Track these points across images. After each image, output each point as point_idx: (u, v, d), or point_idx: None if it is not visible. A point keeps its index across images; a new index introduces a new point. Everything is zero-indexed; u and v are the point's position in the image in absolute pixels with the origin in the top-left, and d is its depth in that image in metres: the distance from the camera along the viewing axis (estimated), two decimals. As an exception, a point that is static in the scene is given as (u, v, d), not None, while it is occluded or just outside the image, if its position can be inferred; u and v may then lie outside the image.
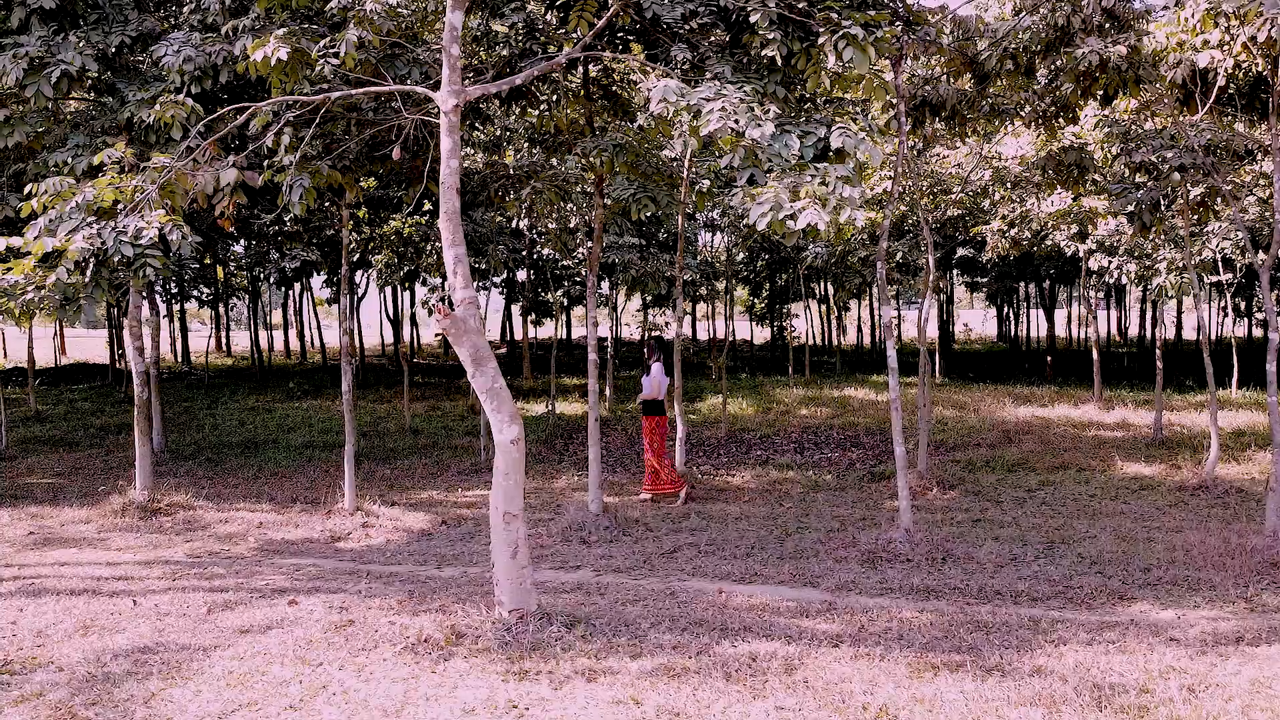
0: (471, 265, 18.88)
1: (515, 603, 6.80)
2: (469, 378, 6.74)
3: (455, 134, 6.77)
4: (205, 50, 9.14)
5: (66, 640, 7.12)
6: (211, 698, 5.86)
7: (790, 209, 6.45)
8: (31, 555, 9.93)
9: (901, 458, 9.58)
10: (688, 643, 6.55)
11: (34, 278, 6.84)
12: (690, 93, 6.63)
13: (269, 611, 7.64)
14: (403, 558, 9.61)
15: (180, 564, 9.40)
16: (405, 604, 7.68)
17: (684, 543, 9.75)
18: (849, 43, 6.69)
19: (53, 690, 6.06)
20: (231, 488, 13.72)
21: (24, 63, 9.20)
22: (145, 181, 7.43)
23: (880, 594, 7.99)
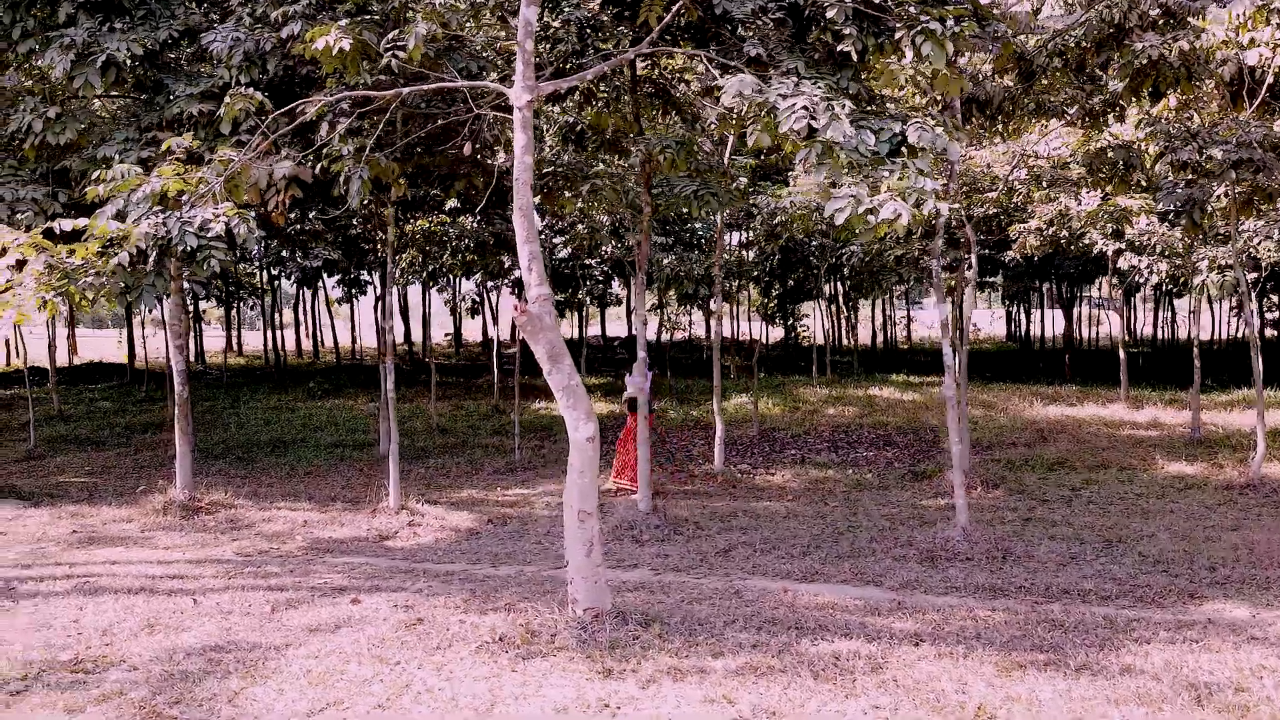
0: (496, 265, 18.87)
1: (590, 601, 6.74)
2: (545, 375, 6.69)
3: (528, 130, 6.72)
4: (254, 39, 9.10)
5: (133, 639, 7.07)
6: (295, 696, 5.81)
7: (869, 203, 6.41)
8: (79, 554, 9.88)
9: (957, 456, 9.53)
10: (766, 641, 6.50)
11: (95, 263, 6.78)
12: (767, 89, 6.58)
13: (333, 610, 7.59)
14: (455, 556, 9.56)
15: (232, 563, 9.35)
16: (470, 602, 7.63)
17: (738, 541, 9.70)
18: (927, 38, 6.64)
19: (133, 689, 6.01)
20: (267, 486, 13.66)
21: (71, 54, 9.16)
22: (210, 174, 7.39)
23: (946, 593, 7.93)
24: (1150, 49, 8.93)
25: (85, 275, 6.70)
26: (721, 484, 12.96)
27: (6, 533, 10.93)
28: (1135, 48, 8.97)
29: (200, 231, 6.91)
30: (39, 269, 6.64)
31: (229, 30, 9.09)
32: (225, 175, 7.20)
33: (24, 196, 9.51)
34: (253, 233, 6.95)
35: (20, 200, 9.50)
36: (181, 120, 9.90)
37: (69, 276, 6.69)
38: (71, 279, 6.70)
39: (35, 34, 9.63)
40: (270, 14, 9.02)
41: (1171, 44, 8.98)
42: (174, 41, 9.78)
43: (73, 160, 10.25)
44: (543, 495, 12.70)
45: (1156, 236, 16.30)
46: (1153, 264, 17.64)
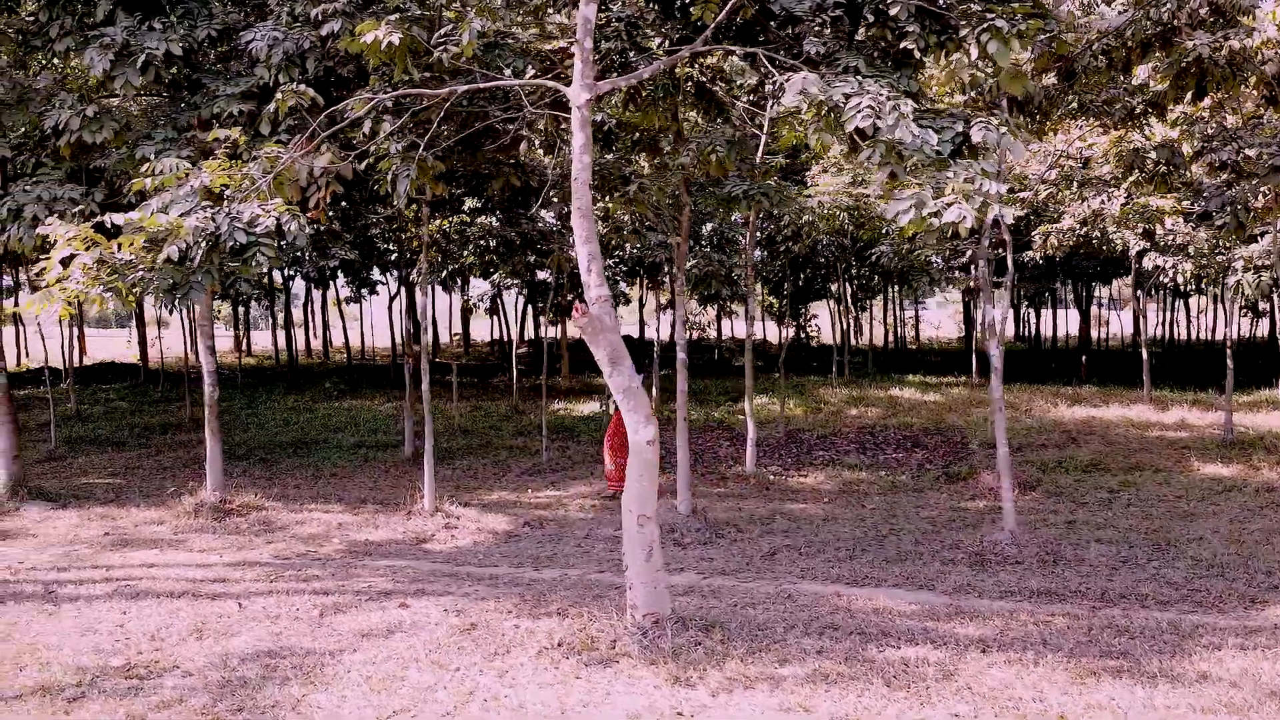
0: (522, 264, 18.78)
1: (650, 606, 6.65)
2: (605, 377, 6.59)
3: (587, 129, 6.63)
4: (293, 37, 9.01)
5: (182, 643, 6.98)
6: (360, 703, 5.72)
7: (933, 206, 6.31)
8: (114, 556, 9.79)
9: (1004, 459, 9.43)
10: (830, 647, 6.41)
11: (144, 257, 6.67)
12: (830, 87, 6.48)
13: (382, 614, 7.50)
14: (495, 559, 9.46)
15: (271, 566, 9.25)
16: (521, 607, 7.54)
17: (781, 545, 9.60)
18: (993, 35, 6.54)
19: (192, 696, 5.93)
20: (294, 488, 13.57)
21: (111, 52, 9.07)
22: (256, 170, 7.29)
23: (1001, 597, 7.83)
24: (1201, 48, 8.81)
25: (135, 270, 6.60)
26: (754, 486, 12.86)
27: (38, 535, 10.84)
28: (1186, 46, 8.86)
29: (249, 228, 6.81)
30: (88, 263, 6.54)
31: (268, 29, 9.00)
32: (275, 171, 7.10)
33: (61, 195, 9.42)
34: (303, 229, 6.85)
35: (57, 199, 9.41)
36: (218, 119, 9.80)
37: (118, 271, 6.58)
38: (121, 274, 6.60)
39: (73, 32, 9.55)
40: (310, 12, 8.93)
41: (1222, 42, 8.86)
42: (212, 41, 9.68)
43: (108, 159, 10.16)
44: (574, 497, 12.61)
45: (1184, 236, 16.17)
46: (1177, 264, 17.52)
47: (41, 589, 8.53)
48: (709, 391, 22.60)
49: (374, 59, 7.86)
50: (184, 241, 6.60)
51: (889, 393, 22.11)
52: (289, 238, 6.83)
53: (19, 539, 10.66)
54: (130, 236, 6.64)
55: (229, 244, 6.77)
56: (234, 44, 10.12)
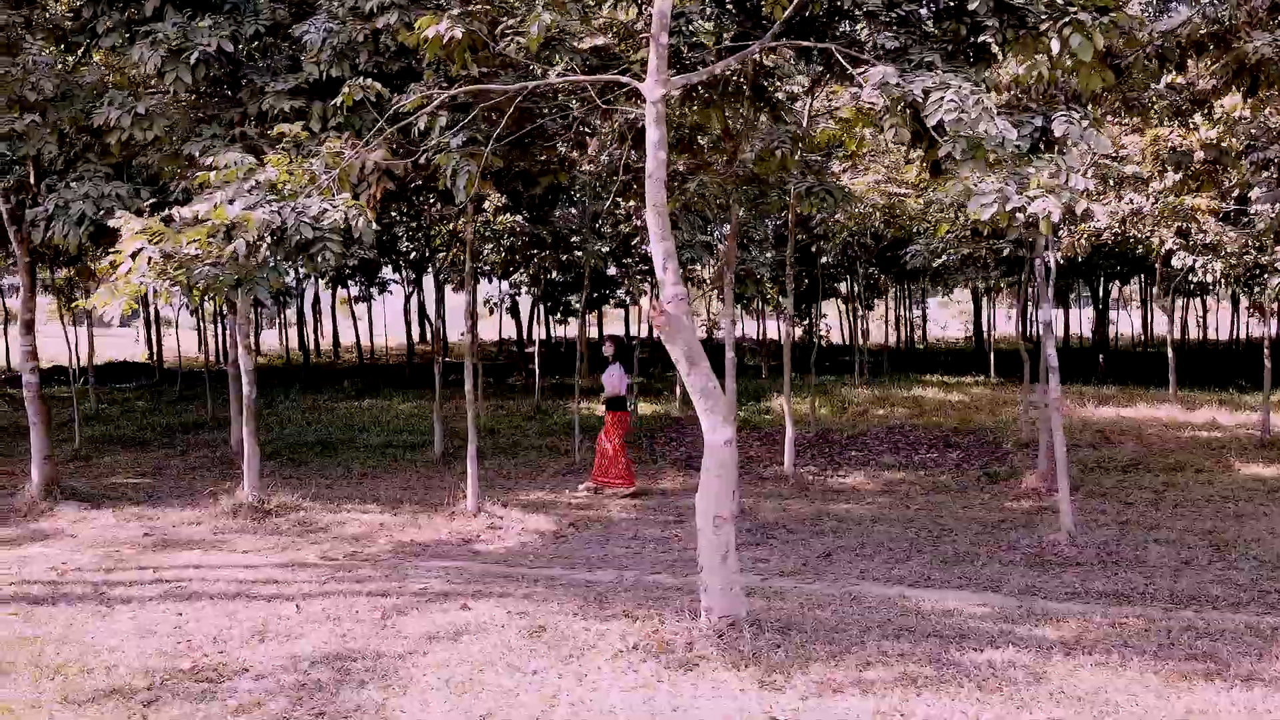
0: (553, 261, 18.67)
1: (725, 609, 6.57)
2: (682, 376, 6.51)
3: (662, 124, 6.53)
4: (348, 30, 8.93)
5: (245, 646, 6.88)
6: (445, 707, 5.63)
7: (1017, 200, 6.23)
8: (158, 557, 9.69)
9: (1062, 460, 9.36)
10: (911, 650, 6.32)
11: (209, 252, 6.58)
12: (913, 80, 6.40)
13: (445, 616, 7.40)
14: (546, 560, 9.37)
15: (320, 567, 9.16)
16: (586, 609, 7.44)
17: (835, 546, 9.52)
18: (1075, 29, 6.46)
19: (269, 699, 5.83)
20: (326, 488, 13.47)
21: (163, 49, 8.98)
22: (318, 165, 7.20)
23: (1068, 599, 7.75)
24: (1263, 48, 8.73)
25: (202, 265, 6.51)
26: (794, 486, 12.78)
27: (77, 535, 10.75)
28: (1247, 46, 8.78)
29: (316, 222, 6.72)
30: (154, 256, 6.45)
31: (322, 22, 8.91)
32: (341, 166, 7.01)
33: (109, 193, 9.32)
34: (370, 225, 6.76)
35: (105, 196, 9.31)
36: (265, 116, 9.71)
37: (185, 266, 6.49)
38: (188, 269, 6.50)
39: (118, 28, 9.46)
40: (364, 6, 8.84)
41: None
42: (258, 36, 9.60)
43: (152, 156, 10.07)
44: (613, 498, 12.52)
45: (1219, 235, 16.08)
46: (1208, 263, 17.44)
47: (91, 590, 8.44)
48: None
49: (431, 53, 7.78)
50: (251, 235, 6.50)
51: (912, 393, 22.03)
52: (355, 233, 6.73)
53: (57, 539, 10.57)
54: (196, 230, 6.55)
55: (295, 239, 6.68)
56: (280, 39, 10.04)
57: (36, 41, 9.31)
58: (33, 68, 9.09)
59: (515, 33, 7.03)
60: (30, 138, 9.10)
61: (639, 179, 11.59)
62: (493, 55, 8.03)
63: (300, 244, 6.70)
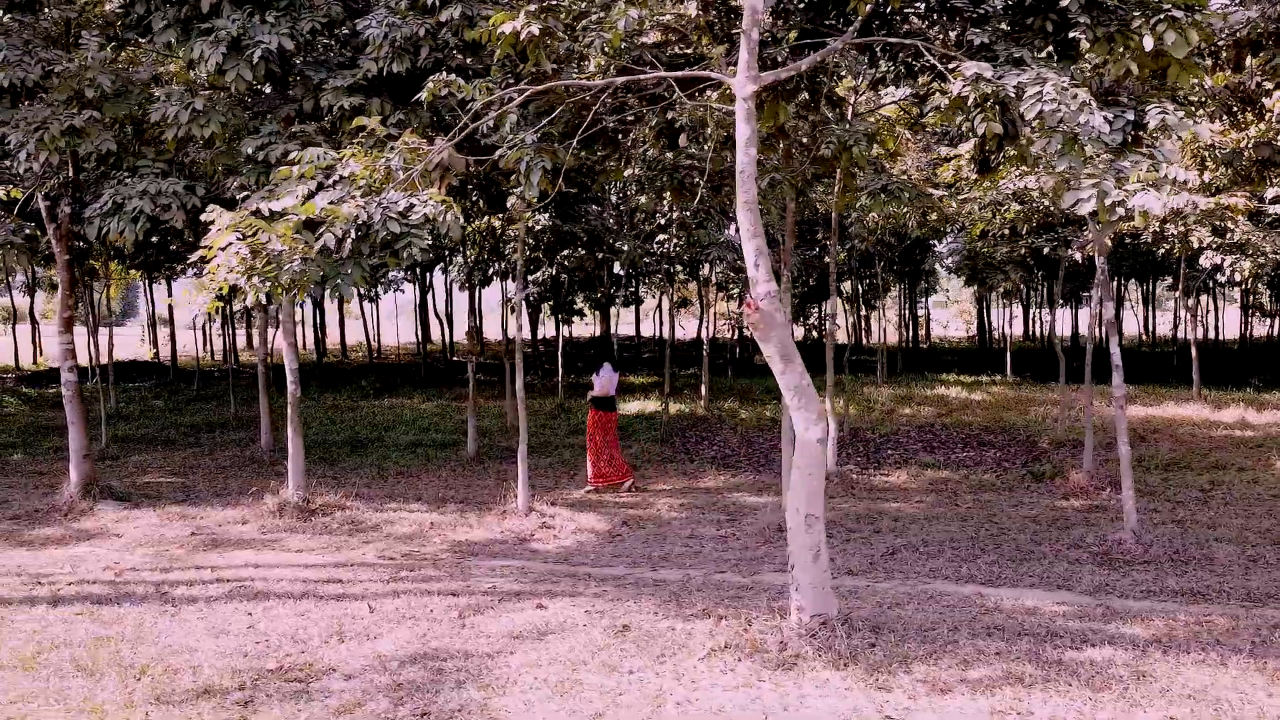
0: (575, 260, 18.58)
1: (818, 607, 6.52)
2: (776, 374, 6.46)
3: (752, 121, 6.49)
4: (411, 25, 8.87)
5: (326, 646, 6.82)
6: (551, 708, 5.57)
7: (1117, 194, 6.21)
8: (211, 556, 9.62)
9: (1126, 459, 9.34)
10: (1007, 649, 6.28)
11: (295, 247, 6.50)
12: (1007, 75, 6.37)
13: (522, 616, 7.35)
14: (608, 560, 9.32)
15: (381, 566, 9.09)
16: (663, 608, 7.40)
17: (898, 544, 9.48)
18: (1169, 25, 6.43)
19: (369, 700, 5.78)
20: (364, 487, 13.39)
21: (223, 46, 8.91)
22: (396, 160, 7.14)
23: (1144, 597, 7.72)
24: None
25: (291, 260, 6.44)
26: (840, 485, 12.74)
27: (122, 535, 10.67)
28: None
29: (403, 217, 6.65)
30: (243, 253, 6.38)
31: (384, 17, 8.84)
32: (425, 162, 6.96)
33: (166, 189, 9.24)
34: (457, 220, 6.70)
35: (162, 193, 9.23)
36: (320, 113, 9.65)
37: (275, 261, 6.42)
38: (277, 264, 6.43)
39: (175, 25, 9.38)
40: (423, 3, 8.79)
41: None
42: (314, 33, 9.53)
43: (208, 153, 10.00)
44: (658, 496, 12.47)
45: (1247, 234, 16.09)
46: (1236, 262, 17.46)
47: (153, 590, 8.36)
48: (752, 390, 22.47)
49: (502, 50, 7.72)
50: (340, 230, 6.44)
51: (934, 391, 22.02)
52: (441, 229, 6.67)
53: (103, 539, 10.49)
54: (284, 224, 6.48)
55: (381, 234, 6.62)
56: (334, 35, 9.98)
57: (93, 38, 9.21)
58: (91, 64, 8.99)
59: (599, 28, 6.98)
60: (89, 134, 9.00)
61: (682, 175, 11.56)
62: (563, 52, 7.98)
63: (386, 239, 6.64)
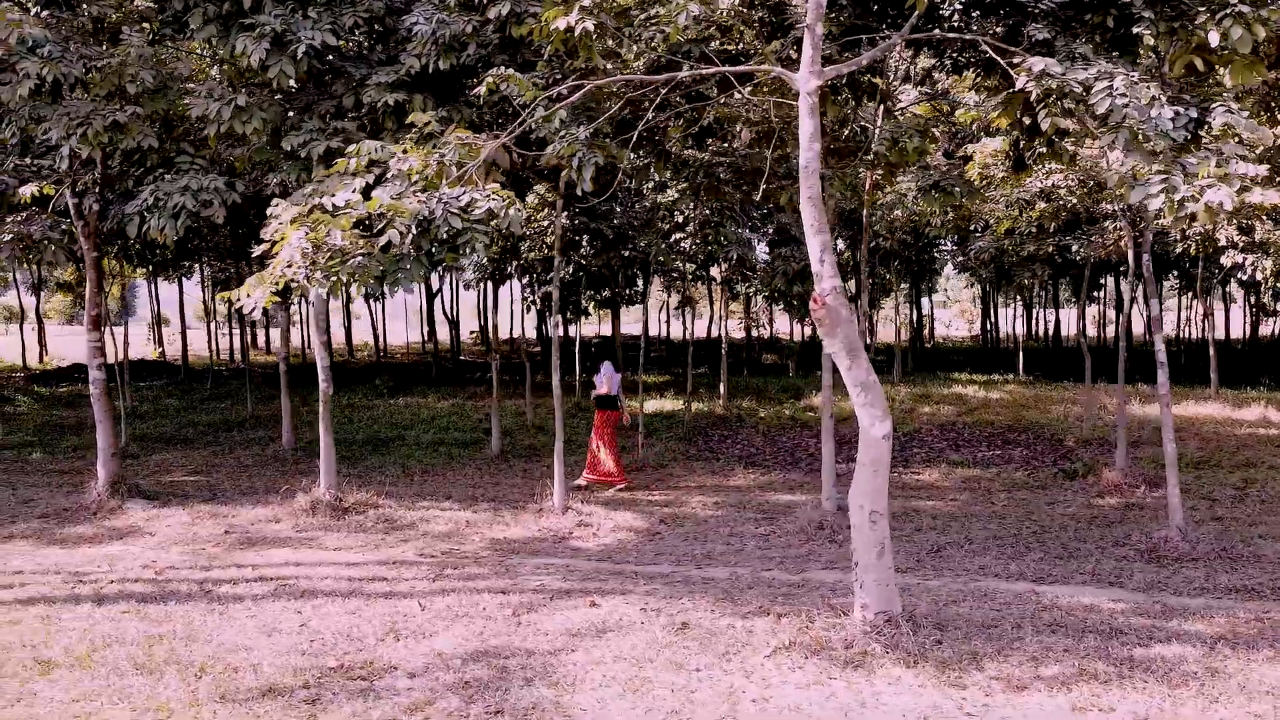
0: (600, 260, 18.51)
1: (882, 605, 6.49)
2: (842, 370, 6.43)
3: (816, 116, 6.46)
4: (459, 21, 8.83)
5: (383, 644, 6.78)
6: (626, 706, 5.53)
7: (1185, 190, 6.17)
8: (248, 554, 9.56)
9: (1171, 457, 9.33)
10: (1075, 646, 6.26)
11: (357, 243, 6.46)
12: (1072, 70, 6.34)
13: (576, 613, 7.31)
14: (651, 558, 9.28)
15: (423, 564, 9.04)
16: (719, 606, 7.36)
17: (942, 542, 9.45)
18: (1235, 20, 6.41)
19: (439, 698, 5.74)
20: (392, 485, 13.32)
21: (266, 41, 8.86)
22: (451, 155, 7.09)
23: (1198, 594, 7.70)
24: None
25: (353, 255, 6.39)
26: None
27: (155, 533, 10.61)
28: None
29: (464, 212, 6.61)
30: (306, 248, 6.34)
31: (431, 13, 8.80)
32: (482, 157, 6.91)
33: (207, 185, 9.19)
34: (520, 214, 6.66)
35: (204, 189, 9.18)
36: (361, 109, 9.59)
37: (338, 256, 6.37)
38: (340, 259, 6.39)
39: (215, 21, 9.32)
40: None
41: None
42: (356, 28, 9.48)
43: (248, 149, 9.94)
44: (690, 494, 12.43)
45: (1268, 233, 16.11)
46: (1258, 261, 17.49)
47: (197, 588, 8.32)
48: (768, 390, 22.45)
49: (554, 45, 7.68)
50: (403, 225, 6.40)
51: (951, 390, 22.01)
52: (502, 224, 6.62)
53: (136, 537, 10.43)
54: (346, 218, 6.44)
55: (442, 230, 6.57)
56: (375, 31, 9.93)
57: (134, 34, 9.16)
58: (133, 59, 8.94)
59: (658, 23, 6.94)
60: (130, 130, 8.95)
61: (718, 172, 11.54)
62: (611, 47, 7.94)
63: (447, 235, 6.59)
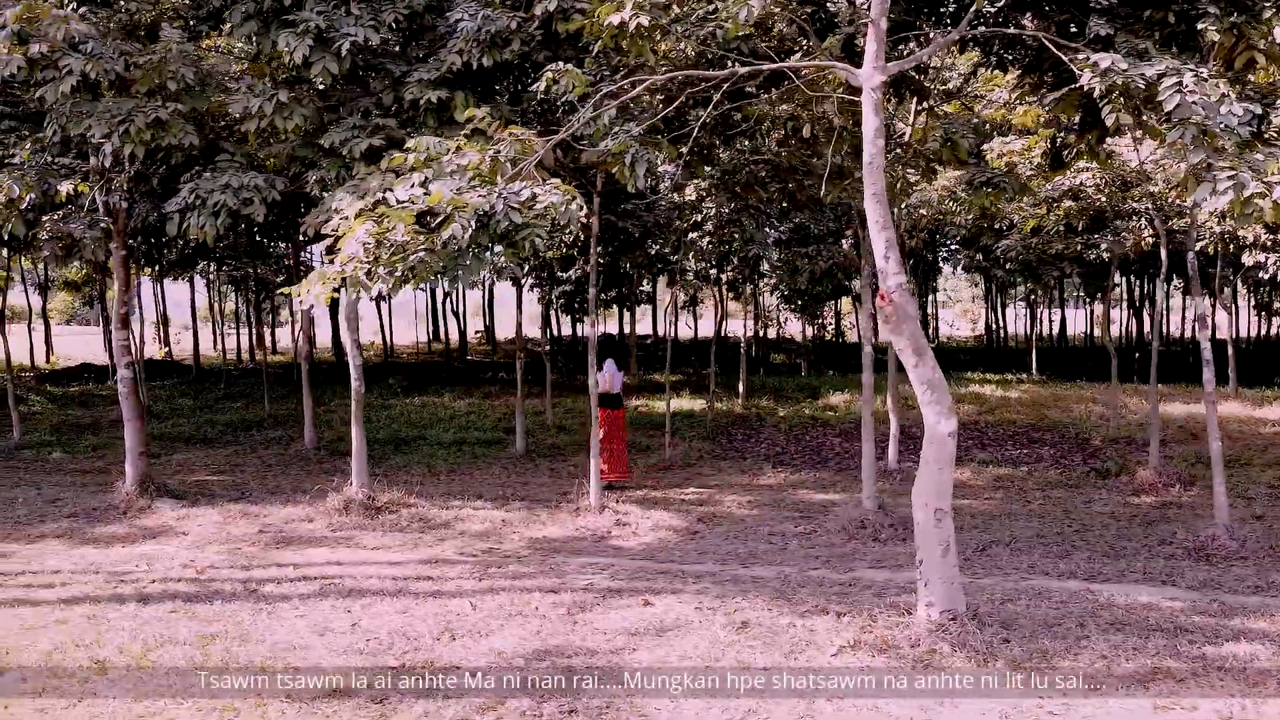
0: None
1: (947, 603, 6.45)
2: (908, 368, 6.39)
3: (880, 113, 6.42)
4: (504, 17, 8.79)
5: (439, 643, 6.74)
6: (702, 705, 5.50)
7: (1255, 187, 6.14)
8: (287, 554, 9.51)
9: (1217, 455, 9.30)
10: (1143, 645, 6.22)
11: (419, 240, 6.40)
12: (1138, 66, 6.31)
13: (631, 612, 7.27)
14: (694, 557, 9.23)
15: (466, 563, 8.99)
16: (775, 605, 7.32)
17: (987, 540, 9.41)
18: (1305, 15, 6.38)
19: (509, 698, 5.70)
20: (419, 485, 13.26)
21: (309, 38, 8.81)
22: (508, 151, 7.04)
23: (1254, 593, 7.67)
24: None
25: (415, 251, 6.34)
26: (903, 481, 12.67)
27: (188, 533, 10.55)
28: None
29: (526, 207, 6.56)
30: (369, 243, 6.29)
31: (475, 8, 8.75)
32: (539, 154, 6.87)
33: (248, 183, 9.13)
34: (581, 210, 6.61)
35: (244, 187, 9.12)
36: (401, 106, 9.54)
37: (400, 251, 6.32)
38: (402, 256, 6.33)
39: (254, 17, 9.27)
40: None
41: None
42: (400, 25, 9.43)
43: (279, 147, 9.89)
44: (723, 493, 12.38)
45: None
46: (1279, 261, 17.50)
47: (241, 588, 8.26)
48: (785, 389, 22.41)
49: (605, 41, 7.64)
50: (465, 220, 6.35)
51: (969, 389, 21.98)
52: (561, 219, 6.57)
53: (169, 536, 10.37)
54: (407, 213, 6.38)
55: (502, 224, 6.52)
56: (414, 28, 9.88)
57: (174, 30, 9.10)
58: (174, 56, 8.88)
59: (715, 19, 6.89)
60: (171, 128, 8.90)
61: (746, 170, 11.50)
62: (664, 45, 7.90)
63: (506, 230, 6.54)
